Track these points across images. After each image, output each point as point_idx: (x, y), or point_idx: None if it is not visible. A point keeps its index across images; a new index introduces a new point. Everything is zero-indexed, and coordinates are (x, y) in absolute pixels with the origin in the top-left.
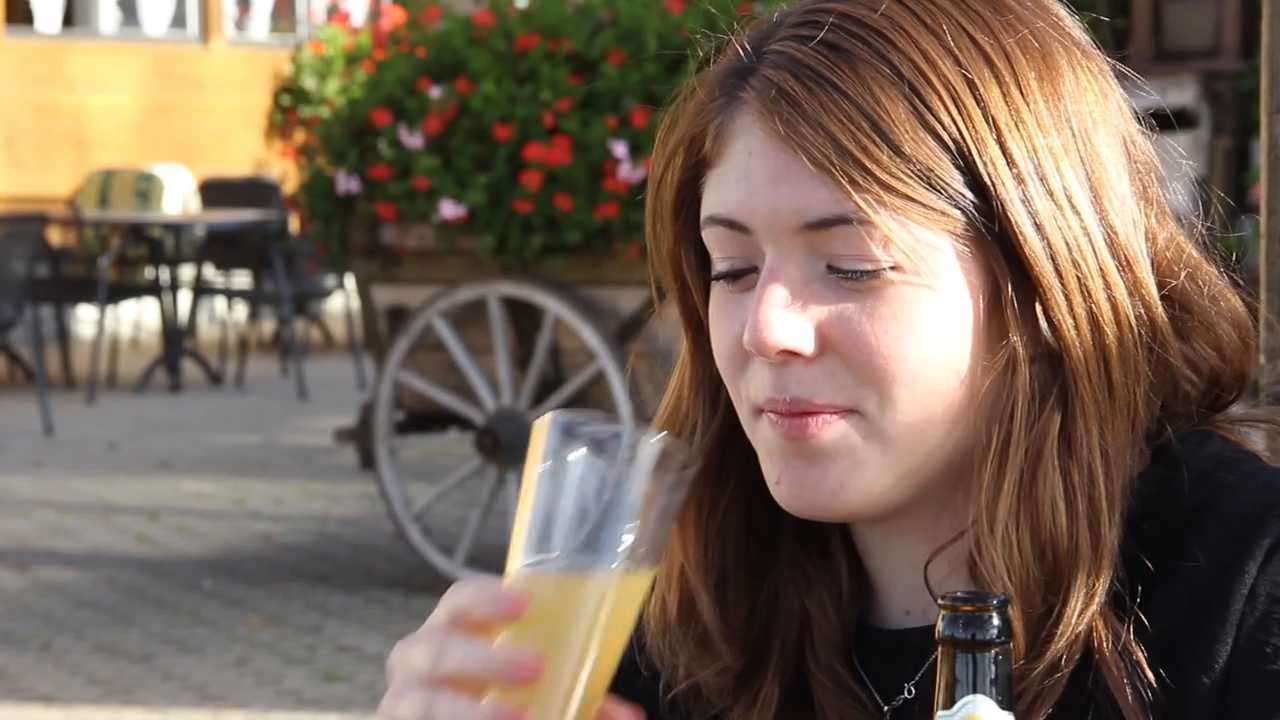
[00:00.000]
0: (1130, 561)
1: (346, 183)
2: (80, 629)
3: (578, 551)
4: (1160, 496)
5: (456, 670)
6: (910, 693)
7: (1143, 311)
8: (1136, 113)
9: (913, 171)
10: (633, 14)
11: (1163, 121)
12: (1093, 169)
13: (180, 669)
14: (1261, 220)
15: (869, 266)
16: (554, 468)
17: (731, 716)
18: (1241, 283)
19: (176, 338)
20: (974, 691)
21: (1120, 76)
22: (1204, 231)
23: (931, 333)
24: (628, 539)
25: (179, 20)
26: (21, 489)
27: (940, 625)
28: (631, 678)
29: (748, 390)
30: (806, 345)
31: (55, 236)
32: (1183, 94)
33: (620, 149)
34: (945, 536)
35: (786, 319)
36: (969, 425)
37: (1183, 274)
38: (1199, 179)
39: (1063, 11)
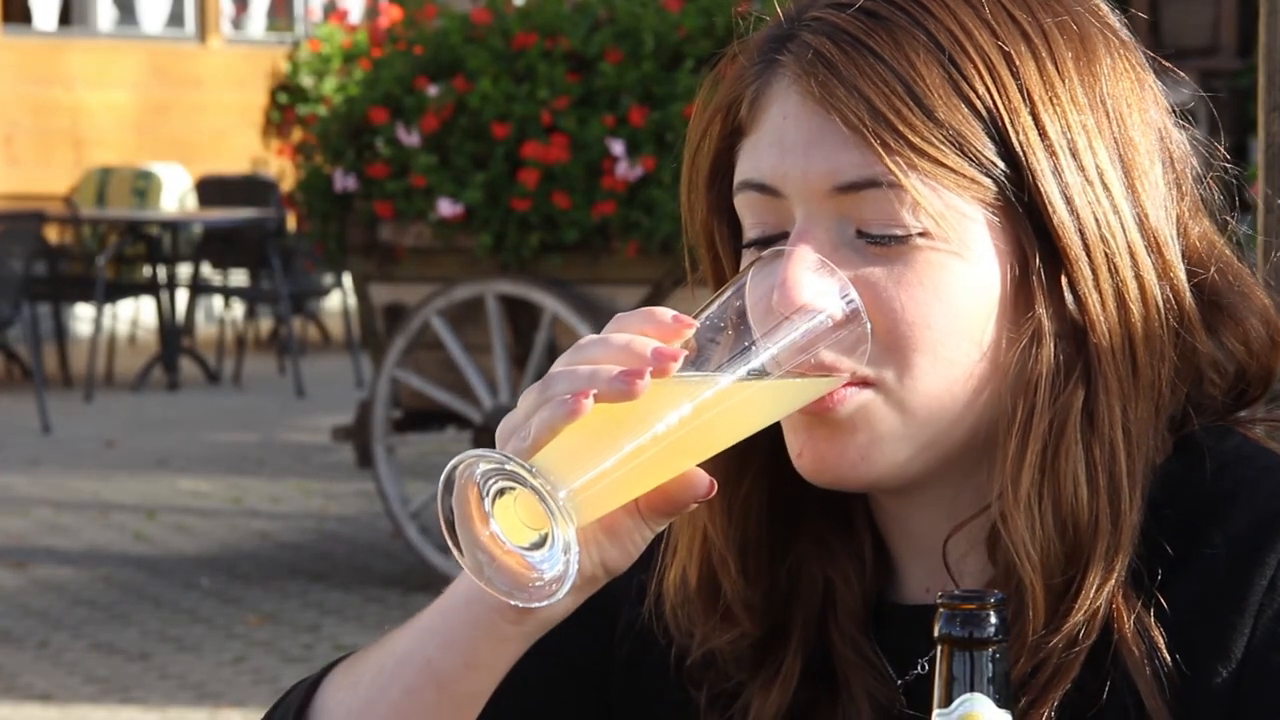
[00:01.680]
0: (1151, 545)
1: (344, 181)
2: (77, 627)
3: (731, 348)
4: (1182, 484)
5: (590, 356)
6: (923, 668)
7: (1170, 295)
8: (1173, 107)
9: (945, 137)
10: (630, 12)
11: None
12: (1125, 151)
13: (177, 667)
14: (1259, 217)
15: (898, 232)
16: (739, 289)
17: (750, 690)
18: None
19: (174, 336)
20: (971, 689)
21: (1159, 71)
22: (1238, 228)
23: (958, 300)
24: (772, 356)
25: (176, 18)
26: (19, 487)
27: (938, 623)
28: (648, 645)
29: None
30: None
31: (53, 234)
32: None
33: (618, 147)
34: (966, 513)
35: (815, 281)
36: (992, 397)
37: (1213, 267)
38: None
39: (1101, 3)
